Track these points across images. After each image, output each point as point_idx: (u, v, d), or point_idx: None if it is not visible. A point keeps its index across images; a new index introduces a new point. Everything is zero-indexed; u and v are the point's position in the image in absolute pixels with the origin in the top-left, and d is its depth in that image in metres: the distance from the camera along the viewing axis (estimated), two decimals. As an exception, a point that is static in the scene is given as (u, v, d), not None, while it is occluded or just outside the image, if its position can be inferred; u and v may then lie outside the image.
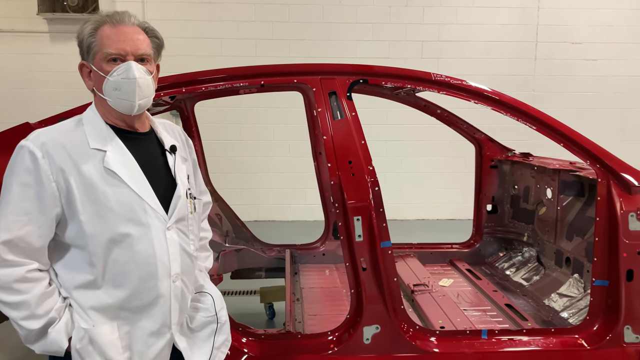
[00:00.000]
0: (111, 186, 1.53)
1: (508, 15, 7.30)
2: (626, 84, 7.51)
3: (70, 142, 1.53)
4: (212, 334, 1.78)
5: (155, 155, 1.69)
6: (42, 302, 1.48)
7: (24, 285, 1.47)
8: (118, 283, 1.56)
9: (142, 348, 1.60)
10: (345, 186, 2.53)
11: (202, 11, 7.00)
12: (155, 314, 1.61)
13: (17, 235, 1.47)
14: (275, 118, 7.32)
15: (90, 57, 1.57)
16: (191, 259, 1.70)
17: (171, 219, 1.62)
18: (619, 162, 2.66)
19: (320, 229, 4.38)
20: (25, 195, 1.48)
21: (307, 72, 2.70)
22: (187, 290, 1.69)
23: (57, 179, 1.49)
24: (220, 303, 1.85)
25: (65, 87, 6.96)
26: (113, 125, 1.62)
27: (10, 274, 1.46)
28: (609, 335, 2.62)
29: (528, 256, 3.96)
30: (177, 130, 1.84)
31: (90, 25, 1.56)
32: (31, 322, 1.48)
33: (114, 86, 1.54)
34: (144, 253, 1.56)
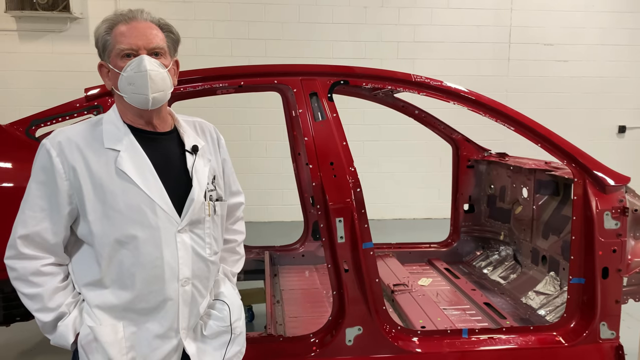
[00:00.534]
0: (121, 187, 1.52)
1: (482, 17, 7.40)
2: (595, 85, 7.69)
3: (85, 141, 1.54)
4: (225, 345, 1.72)
5: (174, 156, 1.65)
6: (53, 296, 1.53)
7: (39, 278, 1.53)
8: (124, 284, 1.55)
9: (147, 351, 1.58)
10: (327, 187, 2.52)
11: (177, 10, 6.90)
12: (162, 317, 1.58)
13: (33, 230, 1.52)
14: (252, 118, 7.26)
15: (106, 56, 1.57)
16: (206, 263, 1.65)
17: (183, 222, 1.58)
18: (594, 161, 2.72)
19: (297, 230, 4.36)
20: (41, 192, 1.52)
21: (287, 72, 2.68)
22: (199, 295, 1.64)
23: (69, 177, 1.51)
24: (238, 313, 1.77)
25: (35, 87, 6.79)
26: (131, 125, 1.61)
27: (27, 267, 1.52)
28: (586, 331, 2.67)
29: (505, 255, 4.02)
30: (208, 129, 1.80)
31: (105, 24, 1.57)
32: (43, 314, 1.53)
33: (128, 81, 1.53)
34: (151, 256, 1.54)
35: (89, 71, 6.70)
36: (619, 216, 2.63)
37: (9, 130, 2.46)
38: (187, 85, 2.64)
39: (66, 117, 2.53)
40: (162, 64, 1.57)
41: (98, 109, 2.49)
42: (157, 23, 1.61)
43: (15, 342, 3.52)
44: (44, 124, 2.49)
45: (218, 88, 2.75)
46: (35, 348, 3.47)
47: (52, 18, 6.58)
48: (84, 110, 2.50)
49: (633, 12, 7.57)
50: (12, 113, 6.56)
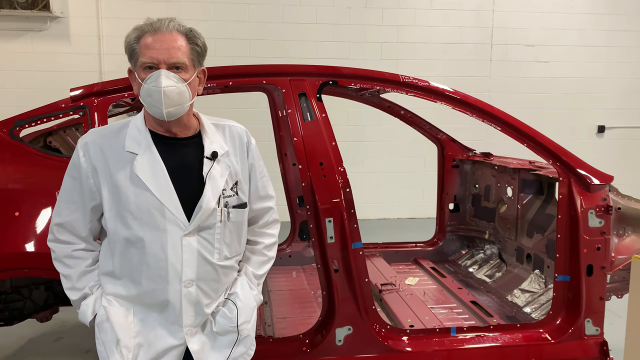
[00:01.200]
0: (134, 189, 1.61)
1: (464, 18, 7.47)
2: (575, 85, 7.82)
3: (109, 144, 1.65)
4: (232, 344, 1.75)
5: (192, 161, 1.68)
6: (81, 277, 1.71)
7: (71, 261, 1.71)
8: (132, 279, 1.66)
9: (153, 338, 1.67)
10: (316, 188, 2.53)
11: (159, 9, 6.83)
12: (166, 313, 1.67)
13: (66, 220, 1.69)
14: (235, 119, 7.21)
15: (133, 63, 1.63)
16: (214, 267, 1.68)
17: (191, 226, 1.63)
18: (579, 161, 2.77)
19: (281, 230, 4.35)
20: (73, 186, 1.68)
21: (276, 73, 2.67)
22: (205, 296, 1.68)
23: (92, 176, 1.64)
24: (246, 316, 1.78)
25: (14, 87, 6.66)
26: (153, 131, 1.67)
27: (62, 250, 1.71)
28: (571, 328, 2.72)
29: (490, 253, 4.07)
30: (238, 132, 1.80)
31: (134, 33, 1.61)
32: (72, 292, 1.73)
33: (147, 93, 1.59)
34: (156, 256, 1.62)
35: (69, 71, 6.66)
36: (603, 214, 2.68)
37: (-8, 131, 2.41)
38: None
39: (51, 118, 2.49)
40: (180, 79, 1.59)
41: (84, 109, 2.46)
42: (185, 33, 1.62)
43: (-3, 347, 3.46)
44: (29, 124, 2.45)
45: (205, 88, 2.72)
46: (17, 353, 3.41)
47: (32, 17, 6.45)
48: (69, 110, 2.47)
49: (611, 14, 7.72)
50: (-9, 113, 6.46)
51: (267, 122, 4.04)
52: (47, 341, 3.54)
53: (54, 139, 3.10)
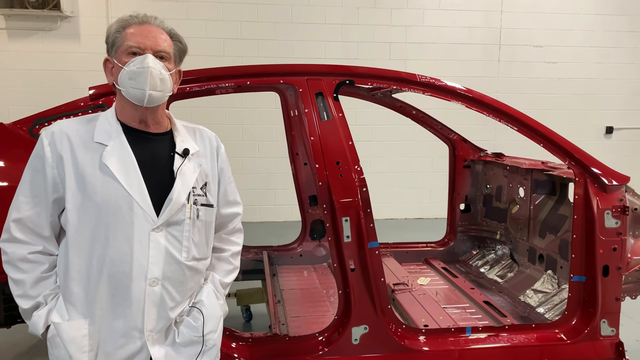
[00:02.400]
0: (102, 180, 1.55)
1: (473, 18, 7.47)
2: (582, 86, 7.82)
3: (77, 133, 1.60)
4: (196, 355, 1.68)
5: (162, 156, 1.66)
6: (35, 284, 1.59)
7: (26, 265, 1.59)
8: (91, 276, 1.56)
9: (111, 349, 1.58)
10: (333, 187, 2.53)
11: (167, 9, 6.86)
12: (127, 315, 1.58)
13: (26, 214, 1.58)
14: (245, 119, 7.25)
15: (113, 52, 1.62)
16: (181, 266, 1.63)
17: (159, 221, 1.58)
18: (595, 161, 2.76)
19: (290, 230, 4.36)
20: (34, 178, 1.59)
21: (293, 72, 2.68)
22: (170, 298, 1.62)
23: (57, 165, 1.57)
24: (212, 325, 1.72)
25: (25, 86, 6.70)
26: (125, 124, 1.64)
27: (16, 252, 1.58)
28: (587, 329, 2.72)
29: (501, 254, 4.06)
30: (208, 136, 1.80)
31: (117, 23, 1.62)
32: (23, 300, 1.60)
33: (129, 76, 1.56)
34: (120, 251, 1.55)
35: (79, 70, 6.68)
36: (619, 215, 2.68)
37: (12, 129, 2.42)
38: (192, 84, 2.62)
39: (70, 116, 2.50)
40: (165, 67, 1.61)
41: (103, 108, 2.47)
42: (168, 31, 1.67)
43: (11, 344, 3.47)
44: (48, 122, 2.46)
45: (218, 88, 2.74)
46: (30, 350, 3.43)
47: (42, 16, 6.49)
48: (88, 109, 2.48)
49: (619, 14, 7.71)
50: (2, 112, 6.50)
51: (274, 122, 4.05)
52: (61, 339, 3.55)
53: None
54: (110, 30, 1.62)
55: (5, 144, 2.42)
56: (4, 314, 2.59)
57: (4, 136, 2.42)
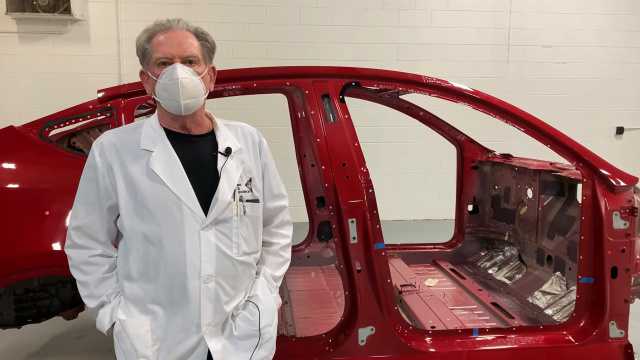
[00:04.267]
0: (151, 185, 1.61)
1: (481, 19, 7.44)
2: (593, 86, 7.75)
3: (124, 143, 1.66)
4: (253, 348, 1.73)
5: (206, 157, 1.70)
6: (98, 284, 1.69)
7: (88, 267, 1.69)
8: (149, 277, 1.64)
9: (172, 344, 1.66)
10: (339, 188, 2.54)
11: (178, 12, 6.90)
12: (185, 312, 1.64)
13: (83, 222, 1.68)
14: (253, 120, 7.22)
15: (145, 63, 1.66)
16: (232, 262, 1.68)
17: (207, 220, 1.63)
18: (603, 162, 2.75)
19: (298, 231, 4.36)
20: (89, 188, 1.67)
21: (299, 74, 2.69)
22: (224, 293, 1.67)
23: (108, 175, 1.64)
24: (268, 319, 1.76)
25: (36, 88, 6.77)
26: (167, 129, 1.69)
27: (79, 256, 1.69)
28: (595, 331, 2.70)
29: (509, 255, 4.05)
30: (249, 133, 1.83)
31: (145, 34, 1.64)
32: (89, 300, 1.71)
33: (163, 88, 1.61)
34: (174, 251, 1.61)
35: (89, 73, 6.74)
36: (628, 216, 2.66)
37: (22, 132, 2.46)
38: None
39: (79, 119, 2.53)
40: (195, 72, 1.62)
41: (111, 111, 2.50)
42: (194, 32, 1.67)
43: (22, 344, 3.51)
44: (57, 125, 2.50)
45: (226, 90, 2.76)
46: (41, 350, 3.46)
47: (53, 20, 6.56)
48: (97, 112, 2.51)
49: (630, 14, 7.64)
50: (13, 115, 6.57)
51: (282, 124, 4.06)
52: (70, 339, 3.59)
53: (78, 139, 3.15)
54: (139, 41, 1.65)
55: (15, 146, 2.45)
56: (15, 315, 2.62)
57: (15, 139, 2.45)
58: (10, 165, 2.40)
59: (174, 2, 6.90)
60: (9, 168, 2.39)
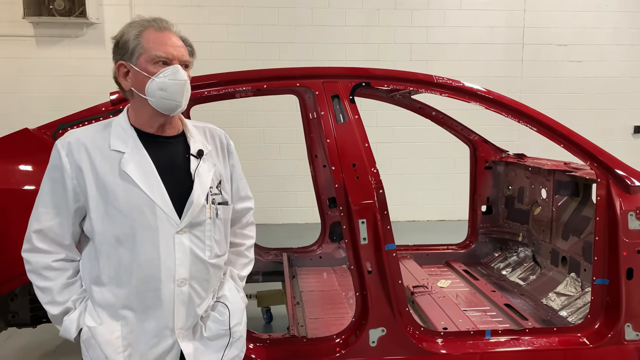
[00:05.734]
0: (123, 187, 1.57)
1: (495, 18, 7.39)
2: (609, 85, 7.65)
3: (93, 142, 1.60)
4: (224, 348, 1.74)
5: (178, 159, 1.69)
6: (62, 290, 1.62)
7: (50, 273, 1.62)
8: (120, 282, 1.60)
9: (144, 349, 1.63)
10: (349, 189, 2.53)
11: (191, 14, 6.96)
12: (158, 316, 1.62)
13: (46, 225, 1.60)
14: (266, 121, 7.30)
15: (134, 59, 1.60)
16: (205, 265, 1.67)
17: (182, 223, 1.62)
18: (618, 161, 2.71)
19: (312, 232, 4.38)
20: (54, 189, 1.60)
21: (309, 75, 2.69)
22: (197, 296, 1.67)
23: (76, 176, 1.58)
24: (238, 318, 1.79)
25: (52, 91, 6.88)
26: (139, 129, 1.66)
27: (40, 261, 1.61)
28: (610, 333, 2.66)
29: (523, 256, 4.01)
30: (218, 134, 1.84)
31: (135, 28, 1.61)
32: (52, 307, 1.63)
33: (159, 87, 1.58)
34: (148, 255, 1.59)
35: (104, 75, 6.79)
36: (644, 216, 2.61)
37: (36, 134, 2.49)
38: (210, 89, 2.66)
39: (92, 121, 2.55)
40: (188, 76, 1.66)
41: (123, 113, 2.52)
42: (183, 38, 1.69)
43: (38, 343, 3.56)
44: (71, 127, 2.53)
45: (238, 91, 2.77)
46: (57, 350, 3.51)
47: (69, 24, 6.66)
48: (109, 114, 2.53)
49: (647, 11, 7.53)
50: (30, 117, 6.66)
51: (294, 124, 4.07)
52: (85, 339, 3.64)
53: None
54: (127, 35, 1.60)
55: (30, 148, 2.49)
56: (30, 314, 2.66)
57: (29, 141, 2.49)
58: (24, 167, 2.43)
59: (187, 5, 6.96)
60: (23, 170, 2.42)
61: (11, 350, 3.49)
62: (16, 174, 2.38)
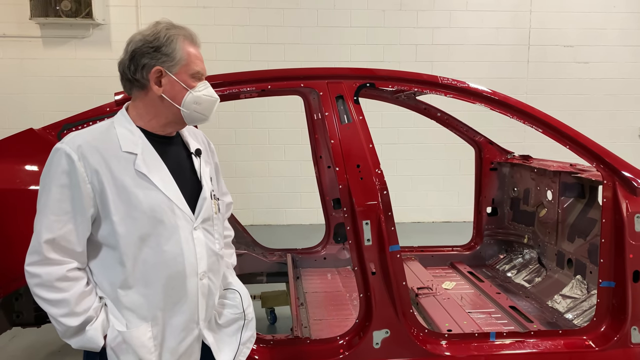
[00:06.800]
0: (142, 188, 1.58)
1: (501, 19, 7.36)
2: (616, 86, 7.60)
3: (104, 145, 1.58)
4: (239, 330, 1.84)
5: (182, 159, 1.75)
6: (81, 300, 1.55)
7: (65, 283, 1.53)
8: (148, 282, 1.61)
9: (173, 344, 1.66)
10: (353, 190, 2.53)
11: (197, 16, 6.98)
12: (184, 311, 1.66)
13: (58, 234, 1.52)
14: (270, 122, 7.31)
15: (175, 69, 1.62)
16: (217, 257, 1.76)
17: (197, 220, 1.68)
18: (624, 163, 2.69)
19: (316, 232, 4.37)
20: (64, 196, 1.53)
21: (314, 76, 2.69)
22: (214, 287, 1.74)
23: (92, 180, 1.53)
24: (248, 300, 1.89)
25: (59, 92, 6.91)
26: (143, 129, 1.67)
27: (52, 273, 1.52)
28: (617, 336, 2.64)
29: (529, 258, 3.98)
30: (199, 134, 1.90)
31: (178, 38, 1.63)
32: (70, 319, 1.53)
33: (195, 100, 1.65)
34: (173, 253, 1.62)
35: (110, 76, 6.82)
36: (650, 219, 2.59)
37: (41, 134, 2.50)
38: (215, 89, 2.65)
39: (97, 121, 2.55)
40: None
41: (128, 113, 2.52)
42: None
43: (43, 343, 3.58)
44: (75, 127, 2.53)
45: (242, 92, 2.77)
46: (61, 350, 3.52)
47: (75, 24, 6.69)
48: (114, 114, 2.53)
49: (655, 12, 7.49)
50: (37, 117, 6.70)
51: (299, 125, 4.07)
52: (90, 339, 3.64)
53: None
54: (174, 45, 1.60)
55: (34, 148, 2.49)
56: (34, 314, 2.67)
57: (34, 141, 2.50)
58: (29, 167, 2.44)
59: (193, 6, 6.98)
60: (27, 170, 2.43)
61: (16, 350, 3.50)
62: (20, 174, 2.39)
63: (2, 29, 6.74)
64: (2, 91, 6.90)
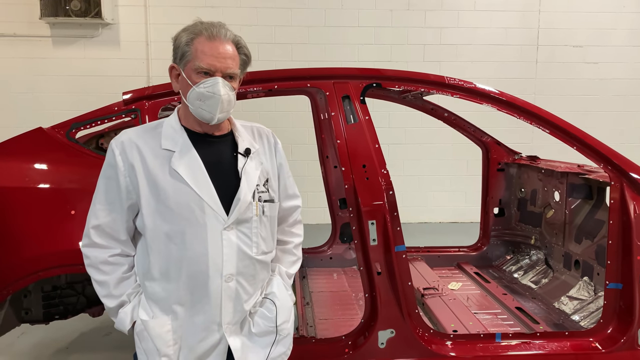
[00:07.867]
0: (173, 185, 1.62)
1: (509, 19, 7.33)
2: (625, 87, 7.54)
3: (145, 142, 1.67)
4: (270, 344, 1.76)
5: (226, 157, 1.73)
6: (118, 284, 1.69)
7: (107, 267, 1.68)
8: (170, 277, 1.65)
9: (193, 342, 1.68)
10: (359, 190, 2.53)
11: (205, 15, 6.92)
12: (206, 310, 1.66)
13: (103, 221, 1.67)
14: (277, 122, 7.30)
15: (183, 64, 1.65)
16: (252, 261, 1.71)
17: (230, 220, 1.65)
18: (632, 164, 2.67)
19: (323, 232, 4.37)
20: (109, 187, 1.67)
21: (320, 76, 2.70)
22: (244, 292, 1.70)
23: (129, 174, 1.64)
24: (285, 315, 1.80)
25: (69, 92, 6.95)
26: (188, 129, 1.71)
27: (98, 256, 1.68)
28: (623, 338, 2.62)
29: (536, 259, 3.97)
30: (265, 133, 1.87)
31: (187, 34, 1.64)
32: (109, 300, 1.70)
33: (198, 96, 1.62)
34: (197, 251, 1.63)
35: (118, 75, 6.89)
36: (658, 220, 2.58)
37: (50, 133, 2.53)
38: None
39: (105, 120, 2.59)
40: (232, 87, 1.66)
41: (135, 112, 2.55)
42: (236, 42, 1.67)
43: (51, 340, 3.60)
44: (84, 127, 2.56)
45: (249, 92, 2.78)
46: (69, 346, 3.55)
47: (85, 24, 6.73)
48: (122, 113, 2.56)
49: (665, 12, 7.42)
50: (46, 117, 6.75)
51: (306, 125, 4.08)
52: (98, 335, 3.67)
53: (106, 140, 3.23)
54: (179, 41, 1.64)
55: (44, 147, 2.52)
56: (43, 311, 2.69)
57: (43, 140, 2.52)
58: (37, 166, 2.46)
59: (202, 5, 7.00)
60: (36, 169, 2.45)
61: (25, 347, 3.53)
62: (30, 173, 2.42)
63: (13, 28, 6.80)
64: (13, 90, 6.96)
